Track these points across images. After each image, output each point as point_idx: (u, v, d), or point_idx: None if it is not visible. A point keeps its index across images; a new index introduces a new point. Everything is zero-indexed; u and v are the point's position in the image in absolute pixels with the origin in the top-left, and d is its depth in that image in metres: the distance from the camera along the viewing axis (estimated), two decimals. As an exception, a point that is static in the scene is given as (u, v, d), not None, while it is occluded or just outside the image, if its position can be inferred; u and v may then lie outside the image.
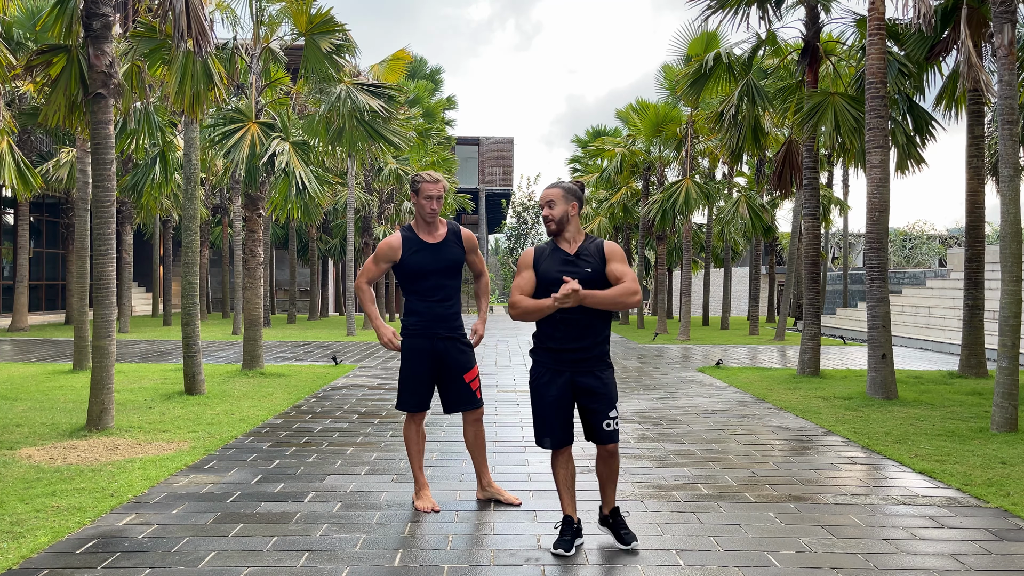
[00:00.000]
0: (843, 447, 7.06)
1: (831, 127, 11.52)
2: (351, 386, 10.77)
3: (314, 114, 13.01)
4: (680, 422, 8.22)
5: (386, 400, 9.54)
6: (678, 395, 10.31)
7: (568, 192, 4.12)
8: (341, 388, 10.55)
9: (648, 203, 22.78)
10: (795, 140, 13.46)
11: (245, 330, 12.07)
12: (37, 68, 8.16)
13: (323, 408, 8.86)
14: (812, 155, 12.55)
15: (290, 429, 7.56)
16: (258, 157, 11.50)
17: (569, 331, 4.04)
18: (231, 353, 15.64)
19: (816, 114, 11.71)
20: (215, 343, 18.41)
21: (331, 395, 9.90)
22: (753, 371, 13.18)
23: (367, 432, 7.44)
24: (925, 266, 58.34)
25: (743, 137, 13.53)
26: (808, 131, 12.00)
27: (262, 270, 12.19)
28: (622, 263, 4.02)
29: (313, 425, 7.78)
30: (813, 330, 12.38)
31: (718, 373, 12.81)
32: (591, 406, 4.10)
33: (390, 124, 12.89)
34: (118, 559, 4.10)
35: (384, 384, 11.09)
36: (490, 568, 4.01)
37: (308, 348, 17.18)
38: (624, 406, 9.23)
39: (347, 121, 12.59)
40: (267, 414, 8.33)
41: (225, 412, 8.40)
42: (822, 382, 11.49)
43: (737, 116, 13.35)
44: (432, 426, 7.84)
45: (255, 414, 8.30)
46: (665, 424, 8.08)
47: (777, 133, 20.17)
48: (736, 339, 21.40)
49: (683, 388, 11.00)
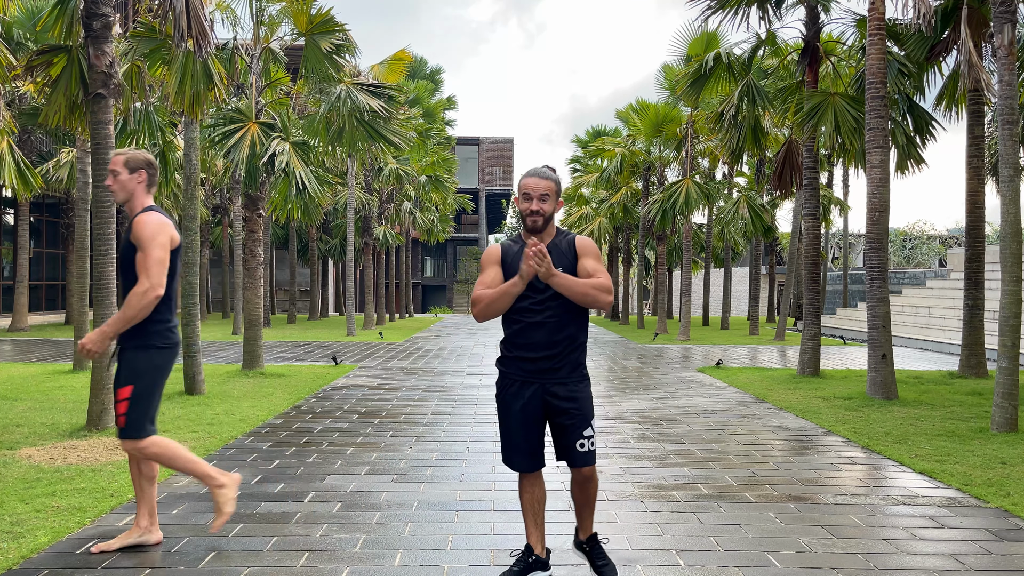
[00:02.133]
0: (843, 447, 7.05)
1: (831, 127, 11.50)
2: (351, 386, 10.74)
3: (314, 114, 12.99)
4: (680, 422, 8.21)
5: (386, 400, 9.50)
6: (678, 395, 10.29)
7: (558, 186, 3.64)
8: (341, 388, 10.52)
9: (648, 203, 22.78)
10: (795, 140, 13.46)
11: (245, 330, 12.05)
12: (37, 68, 8.17)
13: (323, 408, 8.84)
14: (812, 155, 12.53)
15: (290, 429, 7.54)
16: (258, 157, 11.50)
17: (537, 334, 3.57)
18: (231, 353, 15.61)
19: (816, 114, 11.70)
20: (215, 343, 18.37)
21: (331, 395, 9.88)
22: (753, 371, 13.16)
23: (367, 432, 7.41)
24: (925, 266, 58.32)
25: (743, 137, 13.51)
26: (808, 131, 11.99)
27: (262, 270, 12.19)
28: (596, 260, 3.61)
29: (313, 425, 7.76)
30: (813, 330, 12.37)
31: (718, 373, 12.79)
32: (562, 423, 3.61)
33: (390, 124, 12.88)
34: (118, 559, 4.10)
35: (384, 384, 11.04)
36: (489, 568, 4.00)
37: (308, 348, 17.16)
38: (624, 406, 9.20)
39: (347, 121, 12.58)
40: (267, 414, 8.32)
41: (225, 412, 8.38)
42: (822, 382, 11.48)
43: (737, 116, 13.31)
44: (432, 427, 7.80)
45: (255, 414, 8.28)
46: (665, 424, 8.07)
47: (777, 133, 20.18)
48: (736, 339, 21.40)
49: (683, 388, 10.98)
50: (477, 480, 5.71)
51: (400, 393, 10.14)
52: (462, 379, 11.76)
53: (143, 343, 4.12)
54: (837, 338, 22.21)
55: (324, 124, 12.79)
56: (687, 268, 22.08)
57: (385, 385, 10.94)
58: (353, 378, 11.69)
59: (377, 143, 13.01)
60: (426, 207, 32.46)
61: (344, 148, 13.08)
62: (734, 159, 14.46)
